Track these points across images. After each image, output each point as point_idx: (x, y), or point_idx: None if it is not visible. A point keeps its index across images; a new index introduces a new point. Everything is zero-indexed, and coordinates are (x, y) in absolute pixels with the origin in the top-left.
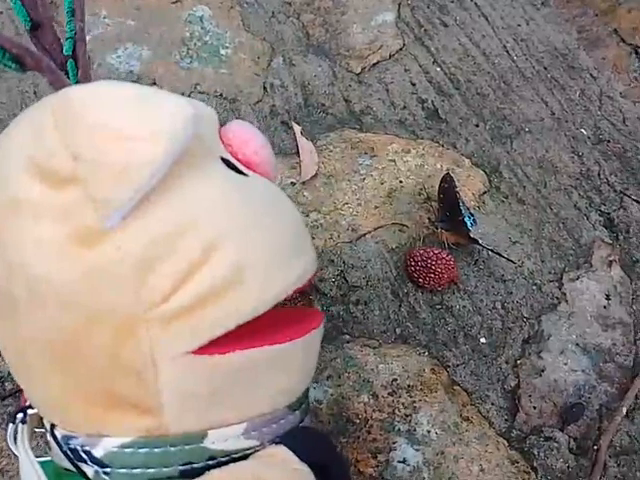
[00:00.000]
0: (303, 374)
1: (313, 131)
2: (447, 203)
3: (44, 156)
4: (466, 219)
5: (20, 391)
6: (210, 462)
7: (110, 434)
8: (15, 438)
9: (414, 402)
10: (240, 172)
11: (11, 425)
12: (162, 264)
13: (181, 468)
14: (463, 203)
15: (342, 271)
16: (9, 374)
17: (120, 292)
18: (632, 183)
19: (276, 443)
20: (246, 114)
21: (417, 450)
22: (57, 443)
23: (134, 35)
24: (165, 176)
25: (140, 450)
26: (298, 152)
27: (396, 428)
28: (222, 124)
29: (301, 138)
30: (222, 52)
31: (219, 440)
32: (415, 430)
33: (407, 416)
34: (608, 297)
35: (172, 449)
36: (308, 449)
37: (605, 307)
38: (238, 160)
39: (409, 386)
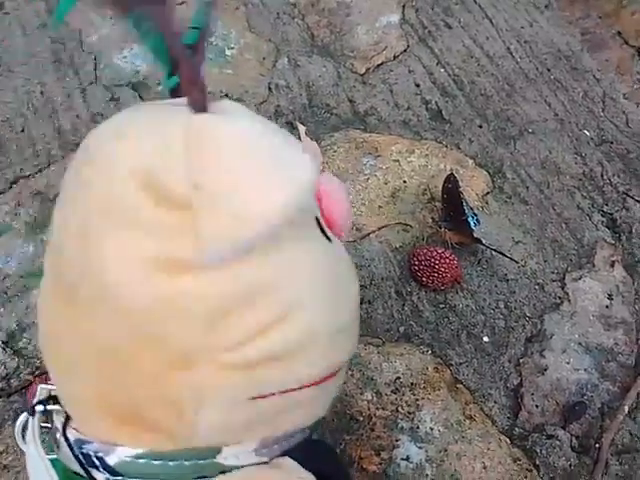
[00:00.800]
0: (328, 403)
1: (317, 131)
2: (451, 203)
3: (164, 174)
4: (469, 219)
5: (26, 388)
6: (221, 476)
7: (125, 445)
8: (23, 434)
9: (417, 400)
10: (326, 235)
11: (20, 419)
12: (239, 314)
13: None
14: (467, 203)
15: None
16: (15, 371)
17: (192, 326)
18: (635, 184)
19: (284, 454)
20: None
21: (420, 448)
22: (69, 445)
23: None
24: (275, 235)
25: (154, 462)
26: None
27: (399, 426)
28: None
29: (306, 138)
30: (227, 53)
31: (232, 456)
32: (418, 428)
33: (410, 414)
34: (610, 297)
35: (186, 463)
36: (313, 460)
37: (607, 307)
38: (322, 215)
39: (412, 384)
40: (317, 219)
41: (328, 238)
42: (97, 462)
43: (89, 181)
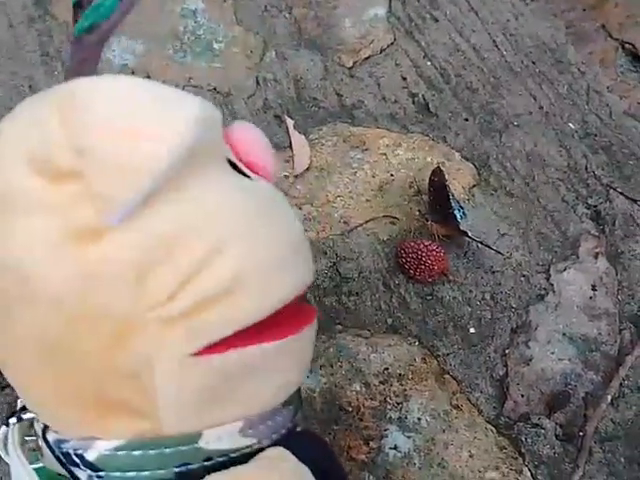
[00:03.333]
0: (300, 369)
1: (305, 125)
2: (437, 196)
3: (46, 149)
4: (456, 212)
5: None
6: (206, 463)
7: (103, 437)
8: (5, 444)
9: (405, 390)
10: (244, 175)
11: (1, 431)
12: (163, 266)
13: (177, 470)
14: (453, 196)
15: (334, 263)
16: None
17: (117, 293)
18: (618, 176)
19: (275, 445)
20: (239, 108)
21: (408, 437)
22: (49, 447)
23: (128, 29)
24: (171, 177)
25: (134, 452)
26: (291, 146)
27: (387, 416)
28: None
29: (294, 132)
30: (215, 46)
31: (214, 440)
32: (406, 418)
33: (398, 404)
34: (594, 288)
35: (167, 450)
36: (307, 452)
37: (591, 298)
38: (241, 161)
39: (400, 375)
40: (230, 162)
41: (247, 176)
42: (77, 460)
43: None
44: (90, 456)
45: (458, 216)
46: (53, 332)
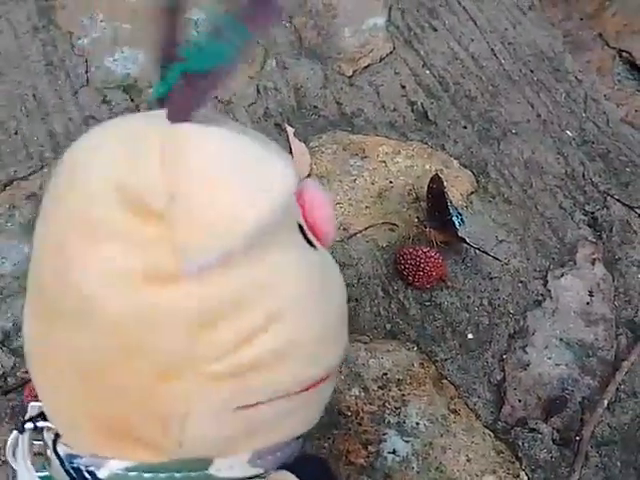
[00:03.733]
0: (320, 410)
1: (306, 133)
2: (435, 203)
3: (141, 188)
4: (454, 219)
5: (22, 386)
6: None
7: (115, 457)
8: (14, 451)
9: (404, 395)
10: (310, 242)
11: (11, 437)
12: (224, 324)
13: None
14: (451, 203)
15: None
16: (12, 369)
17: (174, 338)
18: (615, 184)
19: (279, 468)
20: (240, 116)
21: (406, 441)
22: (59, 460)
23: (130, 38)
24: (253, 242)
25: (145, 475)
26: (291, 153)
27: (386, 420)
28: None
29: (294, 140)
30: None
31: (225, 468)
32: (404, 422)
33: (397, 409)
34: (591, 294)
35: (177, 475)
36: (310, 474)
37: (588, 303)
38: (306, 222)
39: (399, 380)
40: (300, 226)
41: (312, 245)
42: (88, 476)
43: (64, 195)
44: (102, 474)
45: (457, 223)
46: (101, 359)
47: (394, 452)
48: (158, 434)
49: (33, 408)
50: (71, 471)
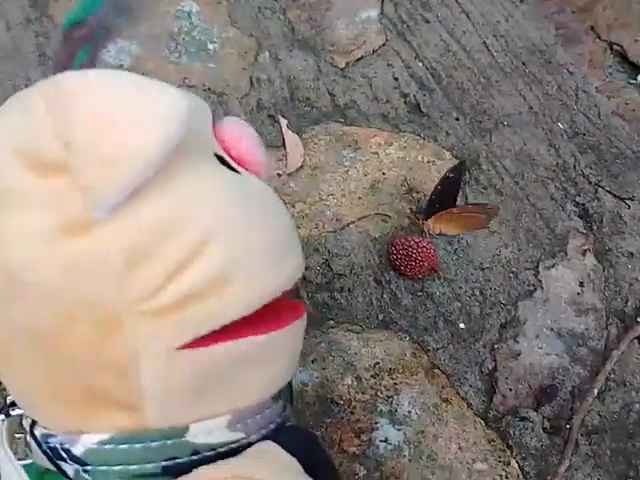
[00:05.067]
0: (289, 364)
1: (299, 124)
2: (443, 194)
3: (34, 143)
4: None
5: None
6: (194, 457)
7: (89, 431)
8: None
9: (396, 384)
10: (233, 170)
11: None
12: (151, 259)
13: (164, 464)
14: (463, 194)
15: (327, 259)
16: None
17: (105, 285)
18: (606, 175)
19: (265, 439)
20: (233, 107)
21: (398, 430)
22: (37, 442)
23: (124, 30)
24: (158, 169)
25: (120, 446)
26: (284, 144)
27: (378, 409)
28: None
29: (287, 131)
30: (210, 47)
31: (202, 433)
32: (396, 411)
33: (389, 397)
34: (582, 284)
35: (153, 444)
36: (297, 447)
37: (579, 294)
38: (231, 157)
39: (391, 369)
40: (219, 157)
41: (236, 171)
42: (64, 454)
43: None
44: (77, 450)
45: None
46: (41, 325)
47: (386, 440)
48: (118, 387)
49: (10, 398)
50: (48, 451)
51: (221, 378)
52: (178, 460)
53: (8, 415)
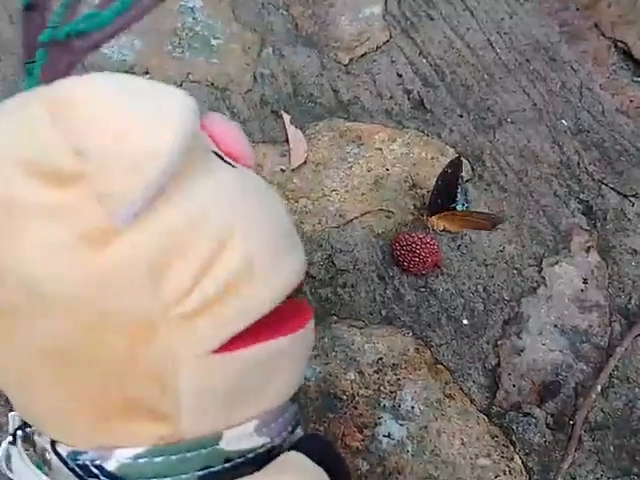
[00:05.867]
0: (306, 362)
1: (302, 120)
2: (444, 189)
3: (42, 154)
4: (458, 207)
5: None
6: (227, 465)
7: (123, 445)
8: (8, 460)
9: (399, 379)
10: (229, 164)
11: (2, 449)
12: (175, 263)
13: (199, 474)
14: (462, 190)
15: (330, 255)
16: None
17: (136, 293)
18: (610, 172)
19: (290, 449)
20: (236, 103)
21: (401, 425)
22: (62, 460)
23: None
24: (173, 172)
25: (155, 459)
26: (287, 140)
27: (381, 404)
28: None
29: (290, 126)
30: (213, 42)
31: (234, 440)
32: (399, 406)
33: (392, 393)
34: (585, 281)
35: (189, 455)
36: (319, 454)
37: (582, 290)
38: (220, 149)
39: (394, 364)
40: (216, 153)
41: (232, 165)
42: (96, 471)
43: None
44: (110, 466)
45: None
46: (70, 341)
47: (389, 435)
48: (154, 396)
49: (14, 418)
50: (77, 469)
51: (250, 381)
52: (212, 469)
53: (25, 434)
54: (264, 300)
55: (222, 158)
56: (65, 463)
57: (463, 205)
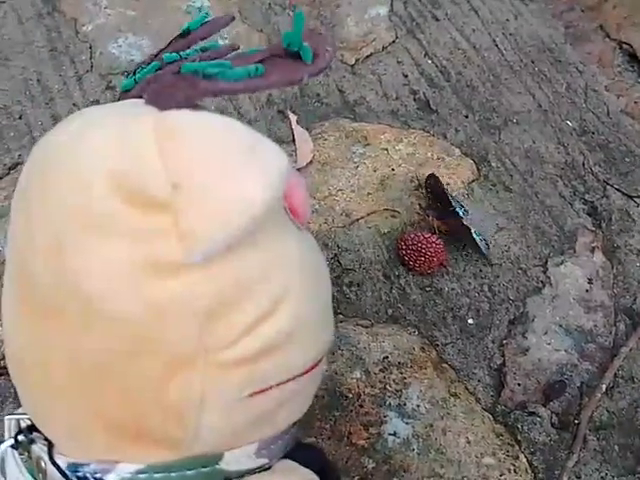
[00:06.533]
0: (314, 393)
1: (308, 120)
2: (436, 198)
3: (139, 178)
4: (457, 210)
5: None
6: None
7: (125, 460)
8: (3, 465)
9: (404, 378)
10: (296, 226)
11: (3, 447)
12: (232, 311)
13: None
14: (452, 197)
15: (336, 254)
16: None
17: (184, 329)
18: (614, 173)
19: (280, 458)
20: (244, 103)
21: (407, 423)
22: (60, 471)
23: (134, 25)
24: (258, 225)
25: (155, 475)
26: (294, 140)
27: (387, 402)
28: (222, 111)
29: (297, 127)
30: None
31: (234, 461)
32: (405, 405)
33: (398, 391)
34: (590, 281)
35: (189, 473)
36: (308, 460)
37: (587, 291)
38: (288, 207)
39: (400, 363)
40: (285, 209)
41: (298, 228)
42: None
43: (52, 187)
44: (110, 479)
45: (460, 213)
46: (107, 359)
47: (395, 434)
48: (174, 428)
49: (12, 421)
50: None
51: (265, 416)
52: None
53: (31, 441)
54: (298, 365)
55: (289, 216)
56: (63, 474)
57: (461, 208)
